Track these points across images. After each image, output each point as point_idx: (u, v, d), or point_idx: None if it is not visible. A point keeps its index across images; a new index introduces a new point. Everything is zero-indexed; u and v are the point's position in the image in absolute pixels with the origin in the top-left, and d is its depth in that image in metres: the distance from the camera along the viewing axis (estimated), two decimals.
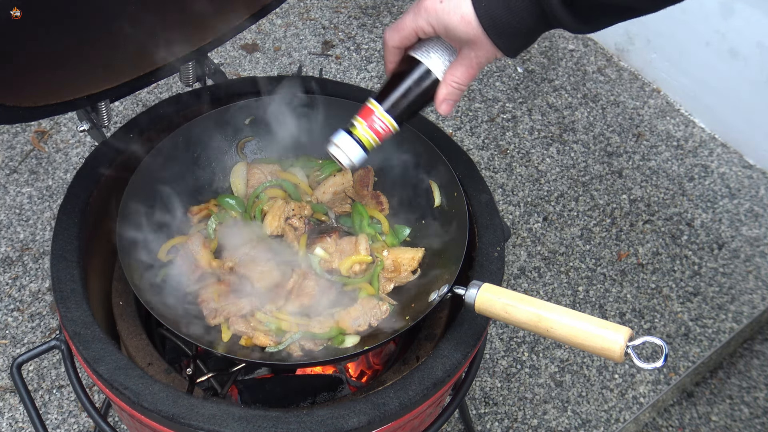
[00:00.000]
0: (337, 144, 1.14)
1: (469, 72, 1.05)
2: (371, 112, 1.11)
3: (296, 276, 1.36)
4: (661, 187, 2.72)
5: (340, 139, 1.13)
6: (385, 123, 1.11)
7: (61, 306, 1.19)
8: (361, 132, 1.12)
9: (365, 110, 1.12)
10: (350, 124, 1.13)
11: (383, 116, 1.11)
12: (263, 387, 1.40)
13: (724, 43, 2.77)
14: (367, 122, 1.11)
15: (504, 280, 1.98)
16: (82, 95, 1.27)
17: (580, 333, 1.01)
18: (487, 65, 3.06)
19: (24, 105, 1.16)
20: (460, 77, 1.05)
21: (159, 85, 2.82)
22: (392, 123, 1.11)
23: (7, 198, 2.46)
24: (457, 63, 1.05)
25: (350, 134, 1.12)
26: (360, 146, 1.13)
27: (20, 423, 2.00)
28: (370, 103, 1.12)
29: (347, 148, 1.13)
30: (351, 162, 1.15)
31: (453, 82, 1.06)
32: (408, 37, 1.06)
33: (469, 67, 1.04)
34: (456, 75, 1.06)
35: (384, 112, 1.10)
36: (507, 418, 2.12)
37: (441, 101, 1.08)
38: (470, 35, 0.99)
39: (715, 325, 2.36)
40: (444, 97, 1.08)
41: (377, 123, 1.11)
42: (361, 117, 1.12)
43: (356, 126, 1.12)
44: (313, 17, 3.20)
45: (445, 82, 1.07)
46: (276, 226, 1.44)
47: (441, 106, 1.08)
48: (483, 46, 1.00)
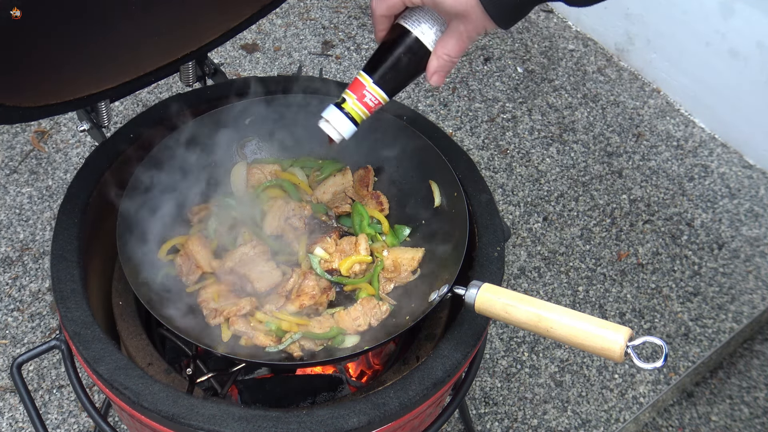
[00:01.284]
0: (327, 119, 1.13)
1: (460, 44, 1.02)
2: (362, 86, 1.10)
3: (296, 276, 1.36)
4: (661, 187, 2.72)
5: (330, 113, 1.13)
6: (375, 96, 1.10)
7: (61, 306, 1.19)
8: (351, 106, 1.11)
9: (355, 83, 1.11)
10: (340, 99, 1.12)
11: (373, 89, 1.09)
12: (263, 387, 1.40)
13: (724, 43, 2.77)
14: (357, 95, 1.10)
15: (504, 280, 1.98)
16: (82, 95, 1.27)
17: (580, 333, 1.01)
18: (488, 66, 3.06)
19: (24, 105, 1.16)
20: (451, 50, 1.03)
21: (159, 85, 2.82)
22: (382, 95, 1.10)
23: (7, 198, 2.46)
24: (448, 36, 1.02)
25: (340, 108, 1.12)
26: (350, 120, 1.12)
27: (20, 423, 2.00)
28: (360, 76, 1.10)
29: (337, 122, 1.12)
30: (341, 136, 1.14)
31: (444, 54, 1.04)
32: (395, 5, 1.04)
33: (459, 39, 1.02)
34: (447, 47, 1.03)
35: (374, 84, 1.09)
36: (507, 418, 2.13)
37: (432, 73, 1.06)
38: (459, 8, 0.97)
39: (715, 325, 2.36)
40: (435, 69, 1.06)
41: (368, 96, 1.10)
42: (351, 90, 1.11)
43: (346, 100, 1.11)
44: (313, 17, 3.20)
45: (436, 54, 1.05)
46: (276, 226, 1.44)
47: (432, 77, 1.07)
48: (474, 19, 0.98)
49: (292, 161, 1.55)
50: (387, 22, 1.07)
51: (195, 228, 1.43)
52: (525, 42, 3.21)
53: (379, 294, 1.37)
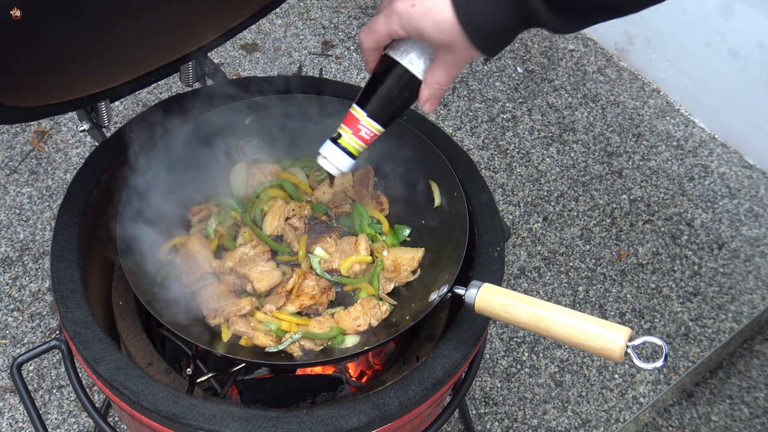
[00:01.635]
0: (324, 156, 1.15)
1: (448, 74, 1.04)
2: (356, 120, 1.11)
3: (296, 276, 1.36)
4: (661, 187, 2.72)
5: (327, 150, 1.15)
6: (370, 129, 1.11)
7: (61, 306, 1.19)
8: (348, 141, 1.13)
9: (349, 118, 1.12)
10: (336, 134, 1.14)
11: (368, 123, 1.11)
12: (263, 387, 1.40)
13: (724, 43, 2.77)
14: (352, 130, 1.12)
15: (504, 280, 1.98)
16: (82, 95, 1.27)
17: (580, 333, 1.01)
18: (488, 66, 3.06)
19: (24, 105, 1.16)
20: (440, 79, 1.04)
21: (159, 85, 2.82)
22: (377, 128, 1.12)
23: (7, 198, 2.46)
24: (436, 65, 1.04)
25: (337, 144, 1.13)
26: (347, 155, 1.14)
27: (20, 423, 2.00)
28: (353, 110, 1.12)
29: (335, 158, 1.14)
30: (339, 171, 1.16)
31: (434, 83, 1.05)
32: (382, 39, 1.04)
33: (447, 69, 1.03)
34: (436, 77, 1.04)
35: (368, 118, 1.11)
36: (507, 418, 2.12)
37: (424, 101, 1.07)
38: (444, 40, 0.97)
39: (715, 325, 2.36)
40: (427, 97, 1.07)
41: (363, 130, 1.11)
42: (346, 125, 1.13)
43: (342, 135, 1.13)
44: (313, 17, 3.20)
45: (426, 83, 1.06)
46: (276, 226, 1.44)
47: (425, 105, 1.08)
48: (459, 50, 0.98)
49: (292, 161, 1.55)
50: (376, 54, 1.09)
51: (195, 228, 1.43)
52: (525, 42, 3.21)
53: (379, 294, 1.37)
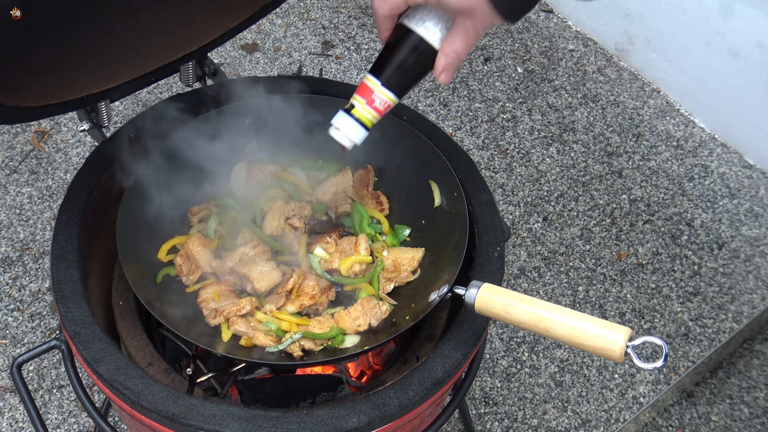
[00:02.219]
0: (337, 126, 1.11)
1: (467, 41, 1.00)
2: (370, 90, 1.08)
3: (296, 276, 1.36)
4: (661, 187, 2.72)
5: (339, 120, 1.10)
6: (384, 99, 1.08)
7: (61, 306, 1.19)
8: (361, 111, 1.09)
9: (363, 87, 1.09)
10: (349, 104, 1.10)
11: (382, 92, 1.07)
12: (263, 387, 1.40)
13: (724, 43, 2.77)
14: (366, 100, 1.08)
15: (504, 280, 1.98)
16: (82, 95, 1.27)
17: (580, 333, 1.01)
18: (488, 66, 3.06)
19: (24, 105, 1.16)
20: (458, 47, 1.01)
21: (159, 85, 2.82)
22: (392, 97, 1.08)
23: (7, 198, 2.46)
24: (454, 32, 1.00)
25: (350, 114, 1.09)
26: (361, 126, 1.10)
27: (20, 423, 2.00)
28: (367, 79, 1.08)
29: (348, 129, 1.10)
30: (353, 143, 1.12)
31: (451, 52, 1.02)
32: (398, 6, 1.02)
33: (466, 36, 0.99)
34: (454, 45, 1.01)
35: (383, 87, 1.07)
36: (507, 418, 2.12)
37: (440, 71, 1.04)
38: (465, 4, 0.94)
39: (715, 325, 2.36)
40: (443, 67, 1.03)
41: (377, 100, 1.08)
42: (360, 95, 1.09)
43: (356, 105, 1.09)
44: (313, 17, 3.20)
45: (443, 52, 1.02)
46: (276, 226, 1.44)
47: (441, 75, 1.04)
48: (480, 15, 0.95)
49: (292, 161, 1.55)
50: (390, 23, 1.05)
51: (195, 228, 1.43)
52: (525, 42, 3.21)
53: (379, 294, 1.37)
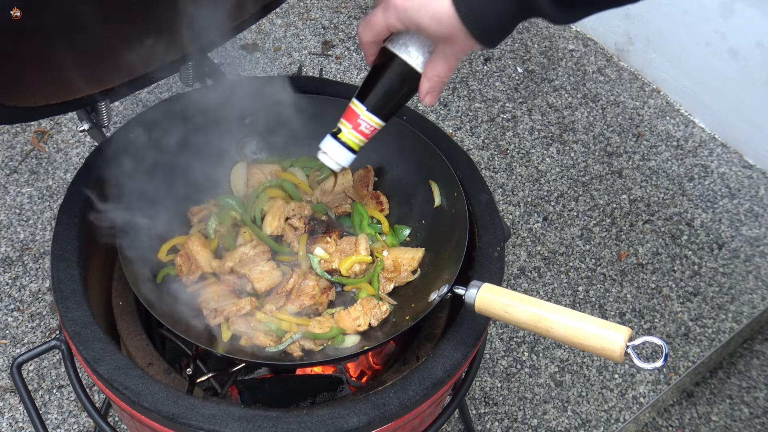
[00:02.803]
0: (324, 151, 1.15)
1: (448, 65, 1.03)
2: (355, 115, 1.11)
3: (296, 276, 1.36)
4: (661, 187, 2.72)
5: (327, 145, 1.14)
6: (370, 123, 1.11)
7: (61, 306, 1.19)
8: (348, 135, 1.12)
9: (349, 112, 1.12)
10: (336, 129, 1.13)
11: (368, 117, 1.10)
12: (263, 387, 1.40)
13: (724, 43, 2.77)
14: (352, 125, 1.12)
15: (504, 280, 1.98)
16: (82, 95, 1.27)
17: (580, 333, 1.01)
18: (488, 66, 3.06)
19: (24, 105, 1.16)
20: (441, 71, 1.04)
21: (159, 85, 2.82)
22: (377, 122, 1.11)
23: (7, 198, 2.46)
24: (435, 57, 1.03)
25: (337, 139, 1.13)
26: (347, 149, 1.13)
27: (20, 423, 2.00)
28: (353, 104, 1.11)
29: (335, 153, 1.14)
30: (340, 166, 1.16)
31: (434, 76, 1.04)
32: (380, 32, 1.04)
33: (446, 61, 1.02)
34: (436, 69, 1.04)
35: (368, 112, 1.10)
36: (507, 418, 2.12)
37: (424, 94, 1.07)
38: (442, 32, 0.97)
39: (715, 325, 2.36)
40: (427, 90, 1.06)
41: (363, 124, 1.11)
42: (346, 120, 1.12)
43: (342, 130, 1.13)
44: (313, 17, 3.20)
45: (426, 76, 1.05)
46: (276, 226, 1.44)
47: (425, 98, 1.08)
48: (458, 41, 0.98)
49: (292, 161, 1.55)
50: (375, 48, 1.08)
51: (195, 228, 1.43)
52: (525, 42, 3.21)
53: (379, 294, 1.37)
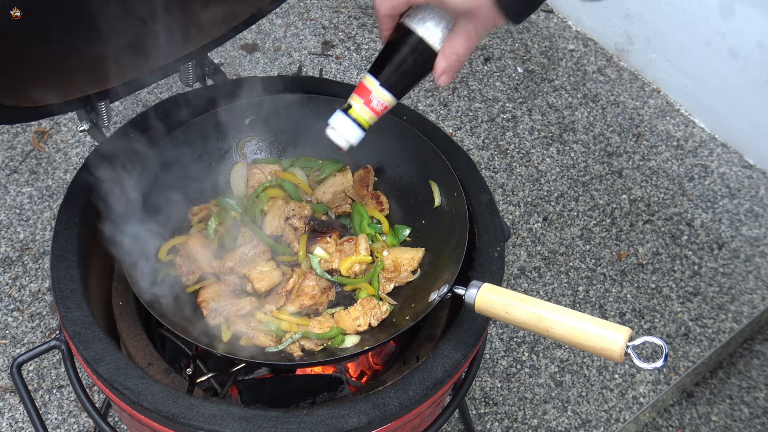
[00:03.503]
0: (333, 126, 1.10)
1: (468, 43, 0.98)
2: (368, 90, 1.07)
3: (296, 276, 1.36)
4: (661, 187, 2.72)
5: (336, 120, 1.10)
6: (382, 99, 1.07)
7: (61, 306, 1.19)
8: (359, 111, 1.08)
9: (361, 88, 1.08)
10: (347, 104, 1.09)
11: (380, 92, 1.06)
12: (263, 387, 1.40)
13: (724, 43, 2.77)
14: (363, 100, 1.07)
15: (504, 280, 1.98)
16: (82, 95, 1.27)
17: (580, 333, 1.01)
18: (488, 66, 3.06)
19: (24, 105, 1.16)
20: (459, 49, 0.99)
21: (159, 85, 2.82)
22: (389, 98, 1.07)
23: (7, 198, 2.46)
24: (456, 34, 0.98)
25: (347, 114, 1.09)
26: (357, 126, 1.09)
27: (20, 423, 2.00)
28: (365, 80, 1.07)
29: (344, 129, 1.09)
30: (349, 143, 1.11)
31: (452, 54, 1.00)
32: (399, 5, 1.00)
33: (467, 38, 0.98)
34: (455, 47, 0.99)
35: (380, 87, 1.06)
36: (507, 418, 2.12)
37: (440, 73, 1.02)
38: (468, 5, 0.93)
39: (715, 325, 2.36)
40: (443, 69, 1.02)
41: (374, 101, 1.07)
42: (358, 95, 1.08)
43: (353, 105, 1.08)
44: (313, 17, 3.20)
45: (444, 54, 1.01)
46: (276, 226, 1.44)
47: (440, 78, 1.03)
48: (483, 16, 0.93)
49: (292, 161, 1.55)
50: (391, 22, 1.04)
51: (195, 228, 1.43)
52: (525, 42, 3.21)
53: (379, 294, 1.37)
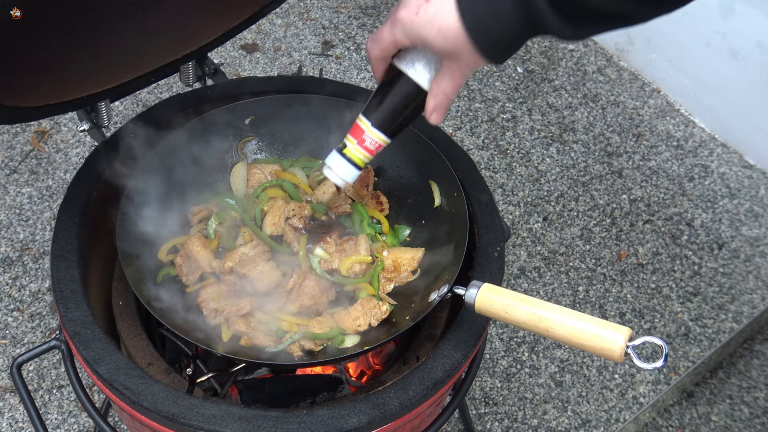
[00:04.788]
0: (330, 166, 1.16)
1: (454, 82, 1.02)
2: (361, 131, 1.11)
3: (296, 276, 1.36)
4: (661, 187, 2.72)
5: (332, 160, 1.15)
6: (375, 139, 1.11)
7: (61, 306, 1.19)
8: (353, 151, 1.13)
9: (355, 128, 1.12)
10: (342, 144, 1.14)
11: (372, 133, 1.11)
12: (263, 387, 1.40)
13: (724, 43, 2.77)
14: (357, 141, 1.12)
15: (504, 280, 1.98)
16: (82, 95, 1.27)
17: (580, 333, 1.01)
18: (488, 66, 3.06)
19: (24, 105, 1.16)
20: (446, 88, 1.02)
21: (159, 85, 2.82)
22: (383, 138, 1.12)
23: (7, 198, 2.46)
24: (441, 74, 1.02)
25: (342, 155, 1.14)
26: (352, 165, 1.14)
27: (20, 423, 2.00)
28: (359, 120, 1.12)
29: (340, 169, 1.15)
30: (344, 182, 1.16)
31: (440, 93, 1.03)
32: (387, 48, 1.03)
33: (452, 78, 1.01)
34: (442, 86, 1.03)
35: (373, 128, 1.10)
36: (507, 418, 2.12)
37: (430, 112, 1.06)
38: (449, 48, 0.95)
39: (715, 325, 2.36)
40: (433, 108, 1.05)
41: (368, 140, 1.11)
42: (352, 136, 1.13)
43: (348, 146, 1.13)
44: (313, 17, 3.20)
45: (432, 94, 1.04)
46: (276, 226, 1.44)
47: (431, 116, 1.06)
48: (464, 57, 0.96)
49: (292, 161, 1.55)
50: (383, 64, 1.07)
51: (195, 228, 1.43)
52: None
53: (379, 294, 1.37)
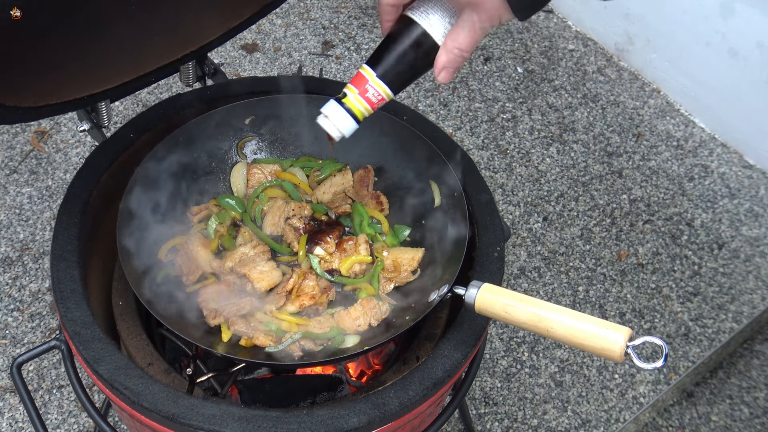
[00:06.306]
0: (326, 114, 1.06)
1: (472, 37, 0.94)
2: (364, 80, 1.03)
3: (296, 276, 1.36)
4: (661, 187, 2.72)
5: (329, 108, 1.06)
6: (378, 91, 1.03)
7: (61, 306, 1.19)
8: (353, 101, 1.04)
9: (357, 77, 1.04)
10: (341, 94, 1.05)
11: (377, 84, 1.02)
12: (263, 387, 1.40)
13: (724, 43, 2.77)
14: (359, 90, 1.03)
15: (504, 280, 1.98)
16: (82, 95, 1.27)
17: (580, 333, 1.01)
18: (488, 66, 3.06)
19: (24, 105, 1.16)
20: (463, 43, 0.95)
21: (159, 85, 2.82)
22: (386, 91, 1.04)
23: (7, 198, 2.46)
24: (459, 27, 0.94)
25: (341, 104, 1.05)
26: (351, 116, 1.05)
27: (20, 423, 2.00)
28: (363, 69, 1.03)
29: (337, 118, 1.05)
30: (341, 134, 1.07)
31: (454, 48, 0.96)
32: None
33: (471, 31, 0.94)
34: (458, 40, 0.95)
35: (378, 79, 1.02)
36: (507, 418, 2.12)
37: (440, 69, 0.98)
38: None
39: (715, 325, 2.36)
40: (444, 64, 0.98)
41: (370, 91, 1.03)
42: (353, 85, 1.04)
43: (347, 95, 1.04)
44: (313, 17, 3.20)
45: (446, 47, 0.97)
46: (276, 226, 1.44)
47: (440, 73, 0.99)
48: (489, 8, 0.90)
49: (292, 161, 1.55)
50: (394, 12, 1.00)
51: (195, 228, 1.43)
52: (525, 42, 3.21)
53: (379, 294, 1.37)
